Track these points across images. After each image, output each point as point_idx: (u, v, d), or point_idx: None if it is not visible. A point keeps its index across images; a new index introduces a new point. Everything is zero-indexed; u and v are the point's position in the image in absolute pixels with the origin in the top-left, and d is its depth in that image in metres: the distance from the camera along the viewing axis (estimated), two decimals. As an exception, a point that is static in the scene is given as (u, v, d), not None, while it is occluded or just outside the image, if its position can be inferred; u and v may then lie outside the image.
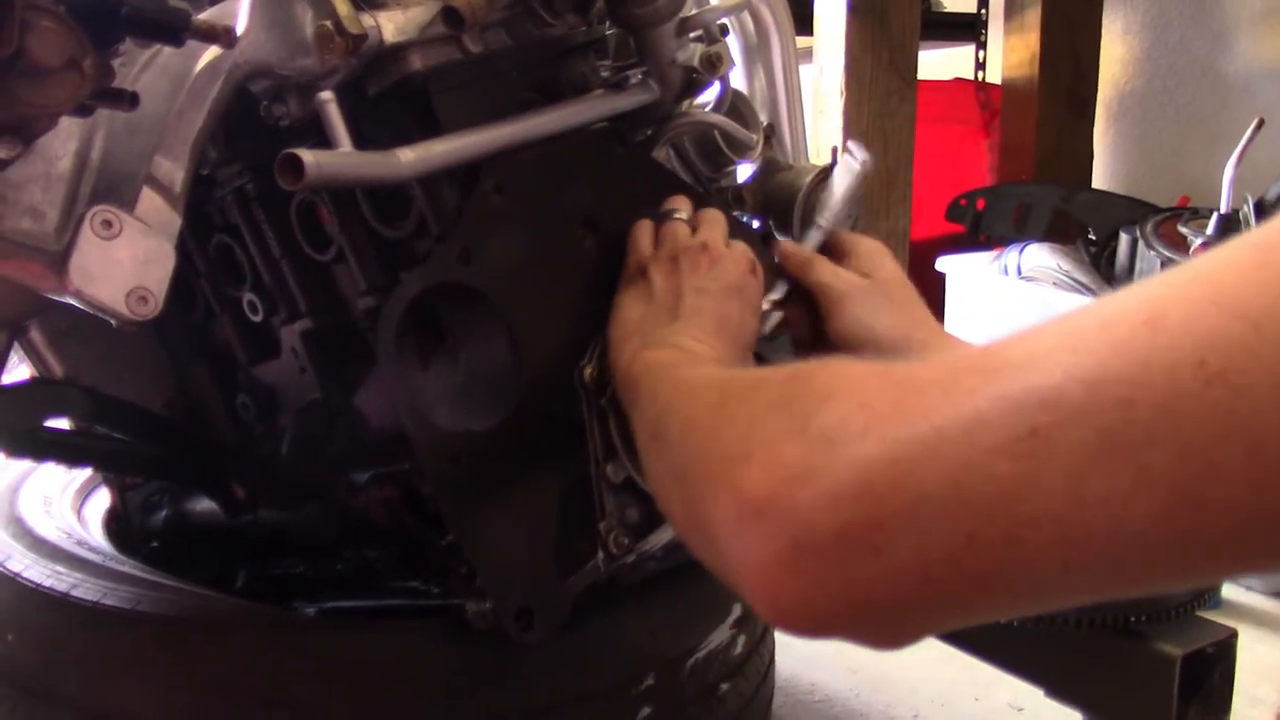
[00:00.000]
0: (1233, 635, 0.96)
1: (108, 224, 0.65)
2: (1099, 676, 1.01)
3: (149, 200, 0.67)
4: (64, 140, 0.67)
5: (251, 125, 0.79)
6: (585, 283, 0.83)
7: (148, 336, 0.97)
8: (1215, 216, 1.64)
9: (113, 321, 0.66)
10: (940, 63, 2.75)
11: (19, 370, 0.96)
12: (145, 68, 0.70)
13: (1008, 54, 2.64)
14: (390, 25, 0.74)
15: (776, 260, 0.91)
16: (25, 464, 1.07)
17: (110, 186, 0.67)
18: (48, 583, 0.86)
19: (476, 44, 0.80)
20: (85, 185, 0.68)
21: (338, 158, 0.69)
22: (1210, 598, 0.98)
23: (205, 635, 0.82)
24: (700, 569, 0.95)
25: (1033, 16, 2.54)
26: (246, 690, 0.80)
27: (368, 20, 0.72)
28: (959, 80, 2.73)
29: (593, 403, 0.82)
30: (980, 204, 2.25)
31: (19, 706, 0.83)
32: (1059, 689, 1.06)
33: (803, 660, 1.33)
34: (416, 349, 0.78)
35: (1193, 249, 1.64)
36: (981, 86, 2.70)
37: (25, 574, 0.87)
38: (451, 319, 0.79)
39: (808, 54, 2.19)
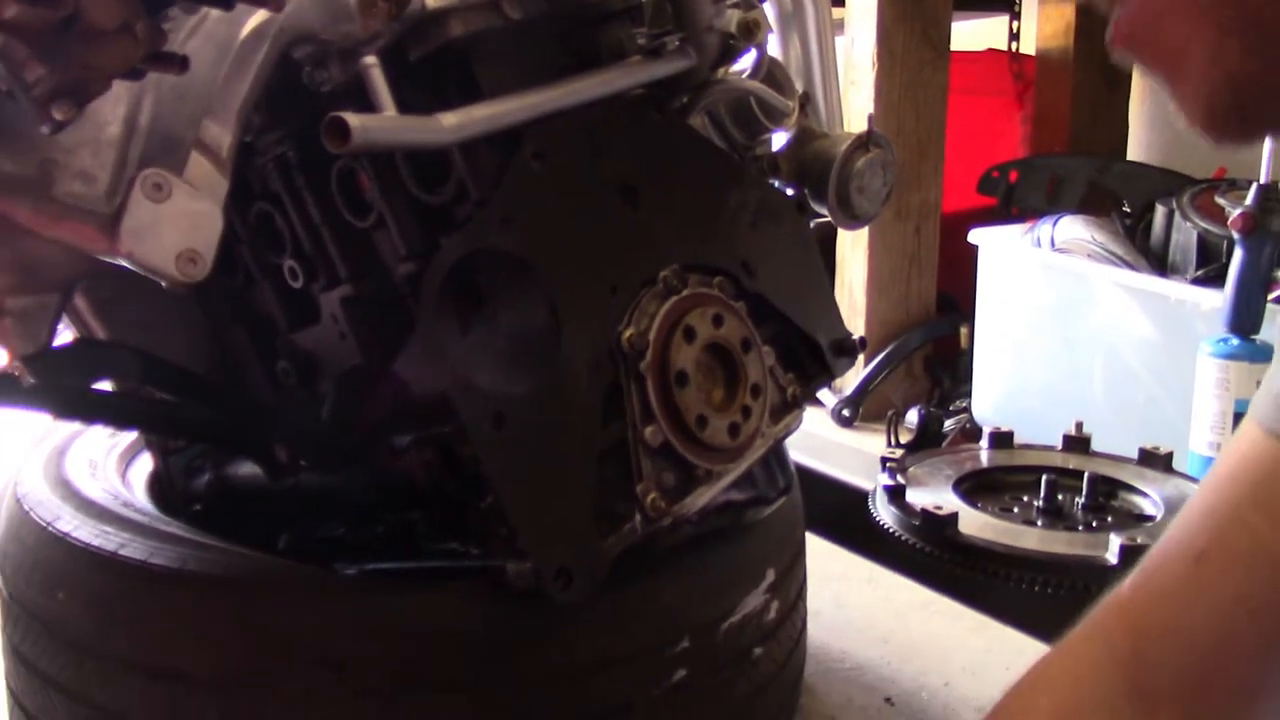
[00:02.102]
0: None
1: (158, 187, 0.66)
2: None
3: (197, 164, 0.68)
4: (113, 104, 0.68)
5: (293, 91, 0.80)
6: (623, 248, 0.84)
7: (189, 302, 0.98)
8: (1255, 187, 1.63)
9: (163, 282, 0.67)
10: (973, 33, 2.72)
11: (64, 335, 0.98)
12: (192, 33, 0.71)
13: (1042, 24, 2.62)
14: (432, -10, 0.74)
15: None
16: (72, 427, 1.09)
17: (159, 150, 0.68)
18: (96, 542, 0.88)
19: (516, 10, 0.80)
20: (134, 149, 0.69)
21: (383, 121, 0.70)
22: None
23: (251, 593, 0.84)
24: (736, 534, 0.96)
25: None
26: (292, 647, 0.82)
27: (410, -15, 0.73)
28: (992, 51, 2.70)
29: (631, 367, 0.83)
30: (1013, 176, 2.24)
31: (71, 662, 0.85)
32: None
33: (834, 629, 1.34)
34: (457, 313, 0.79)
35: (1230, 219, 1.63)
36: (1015, 57, 2.68)
37: (75, 534, 0.89)
38: (491, 283, 0.80)
39: (840, 25, 2.17)
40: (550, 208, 0.80)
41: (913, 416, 1.93)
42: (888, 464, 1.09)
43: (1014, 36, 2.70)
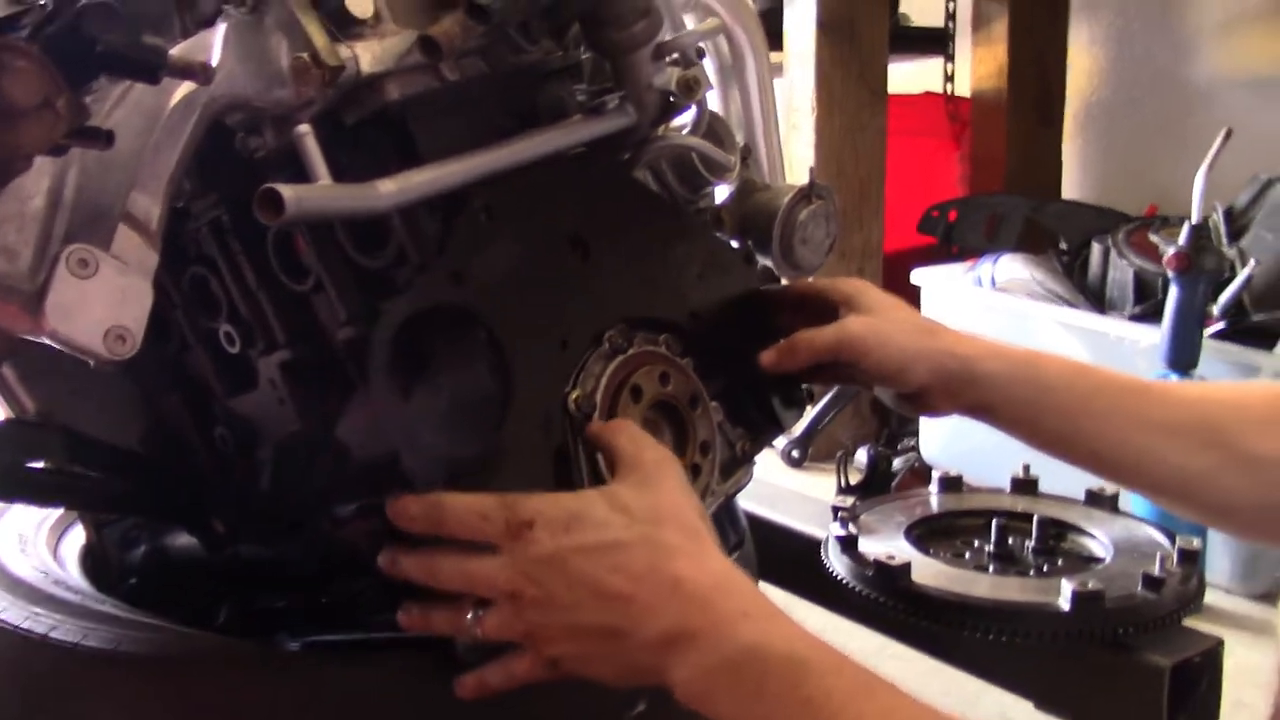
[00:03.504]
0: (1219, 644, 0.97)
1: (84, 263, 0.64)
2: (1087, 688, 1.01)
3: (125, 238, 0.66)
4: (36, 179, 0.66)
5: (226, 157, 0.78)
6: (573, 303, 0.83)
7: (121, 372, 0.95)
8: (1187, 226, 1.66)
9: (90, 361, 0.65)
10: (909, 76, 2.77)
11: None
12: (118, 104, 0.69)
13: (976, 67, 2.68)
14: (367, 55, 0.73)
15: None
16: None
17: (85, 224, 0.66)
18: (26, 625, 0.85)
19: (454, 72, 0.80)
20: (59, 224, 0.67)
21: (317, 191, 0.69)
22: (1195, 606, 0.98)
23: (190, 673, 0.81)
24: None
25: (999, 29, 2.58)
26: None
27: (344, 51, 0.72)
28: (929, 94, 2.76)
29: (578, 429, 0.82)
30: (952, 215, 2.27)
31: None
32: (1047, 701, 1.06)
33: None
34: (402, 374, 0.78)
35: (1165, 258, 1.66)
36: (950, 99, 2.73)
37: (3, 616, 0.86)
38: (439, 343, 0.79)
39: (778, 69, 2.20)
40: (500, 262, 0.80)
41: (862, 457, 1.93)
42: (839, 513, 1.08)
43: (949, 79, 2.76)
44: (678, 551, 0.71)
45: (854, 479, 1.49)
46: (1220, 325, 1.70)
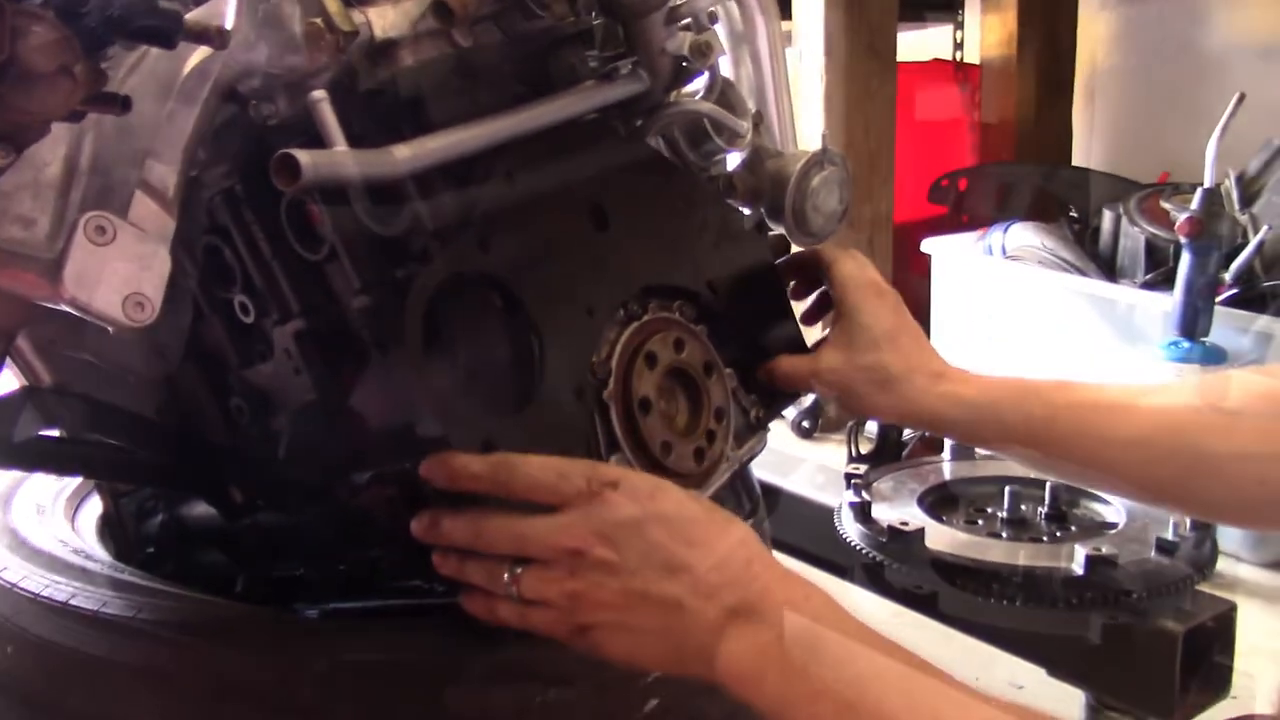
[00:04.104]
0: (1232, 608, 0.97)
1: (101, 230, 0.64)
2: (1099, 654, 1.01)
3: (142, 205, 0.66)
4: (52, 146, 0.66)
5: (239, 124, 0.78)
6: (594, 271, 0.83)
7: (138, 341, 0.96)
8: (1199, 191, 1.65)
9: (109, 328, 0.65)
10: (916, 43, 2.75)
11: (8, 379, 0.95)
12: (133, 70, 0.69)
13: (985, 34, 2.65)
14: (380, 21, 0.73)
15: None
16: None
17: (102, 192, 0.66)
18: (46, 592, 0.85)
19: (466, 38, 0.79)
20: (76, 191, 0.67)
21: (333, 157, 0.69)
22: (1208, 571, 0.99)
23: (208, 641, 0.82)
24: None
25: None
26: (250, 697, 0.79)
27: (358, 16, 0.72)
28: (938, 61, 2.73)
29: (595, 396, 0.82)
30: (962, 184, 2.26)
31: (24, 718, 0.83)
32: (1059, 667, 1.06)
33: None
34: (432, 342, 0.78)
35: (1177, 224, 1.65)
36: (960, 67, 2.71)
37: (22, 584, 0.87)
38: (467, 311, 0.79)
39: (787, 38, 2.18)
40: (525, 230, 0.80)
41: (872, 428, 1.93)
42: (852, 480, 1.09)
43: (958, 46, 2.74)
44: (749, 538, 0.73)
45: (864, 449, 1.50)
46: (1233, 291, 1.69)
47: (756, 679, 0.68)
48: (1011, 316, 1.88)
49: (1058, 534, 1.06)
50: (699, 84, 0.96)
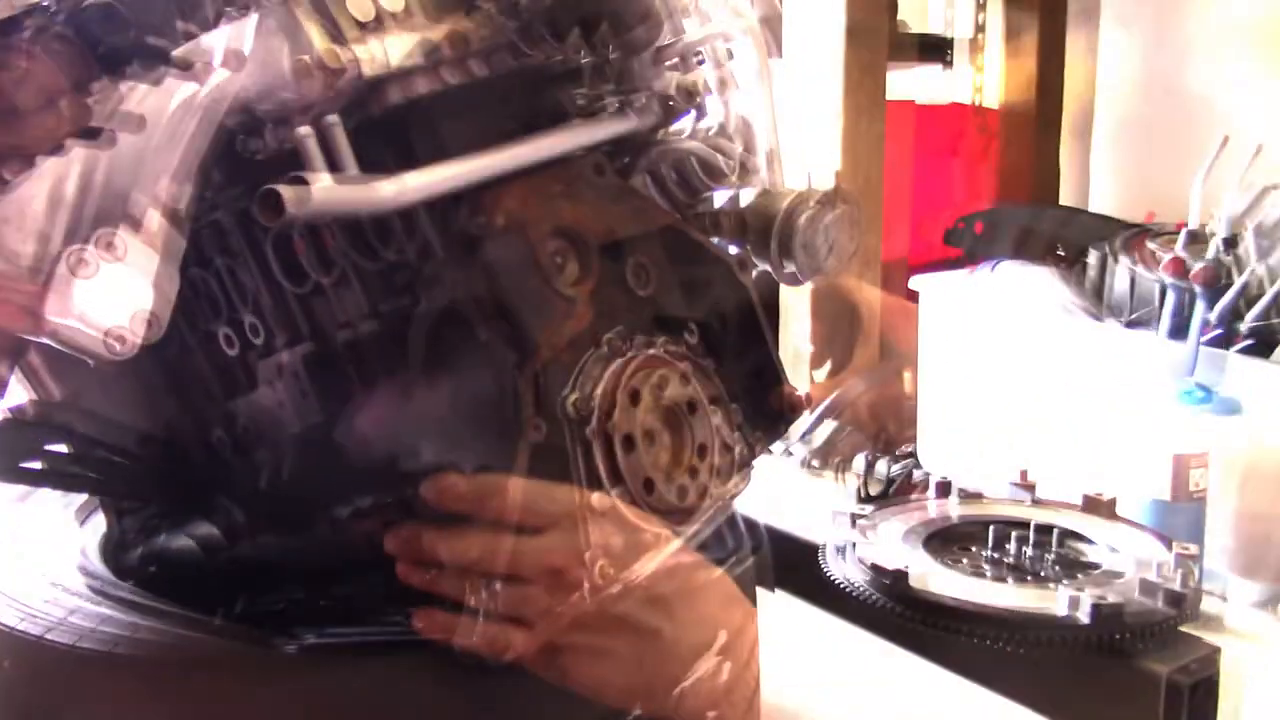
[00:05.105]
0: (1216, 651, 0.97)
1: (84, 263, 0.64)
2: (1082, 695, 1.01)
3: (128, 239, 0.66)
4: (38, 179, 0.66)
5: (227, 157, 0.79)
6: (573, 310, 0.83)
7: (145, 361, 0.96)
8: (1184, 232, 1.66)
9: (90, 361, 0.65)
10: (938, 87, 2.76)
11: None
12: (120, 103, 0.69)
13: (1007, 78, 2.69)
14: (369, 58, 0.73)
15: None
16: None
17: (88, 224, 0.66)
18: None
19: (455, 75, 0.80)
20: (60, 224, 0.67)
21: (318, 192, 0.69)
22: (1193, 613, 0.99)
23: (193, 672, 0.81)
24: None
25: (1029, 42, 2.60)
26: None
27: (346, 53, 0.72)
28: (956, 104, 2.75)
29: (576, 433, 0.82)
30: (978, 227, 2.24)
31: None
32: (1043, 708, 1.06)
33: (789, 687, 1.32)
34: (428, 370, 0.79)
35: (1161, 264, 1.66)
36: (978, 110, 2.72)
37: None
38: (461, 340, 0.79)
39: (778, 76, 2.20)
40: (511, 265, 0.80)
41: (859, 464, 1.94)
42: (838, 517, 1.08)
43: (977, 90, 2.75)
44: (725, 580, 0.75)
45: (851, 484, 1.49)
46: (1248, 341, 1.66)
47: None
48: (998, 354, 1.89)
49: (1042, 574, 1.06)
50: (687, 122, 0.97)
